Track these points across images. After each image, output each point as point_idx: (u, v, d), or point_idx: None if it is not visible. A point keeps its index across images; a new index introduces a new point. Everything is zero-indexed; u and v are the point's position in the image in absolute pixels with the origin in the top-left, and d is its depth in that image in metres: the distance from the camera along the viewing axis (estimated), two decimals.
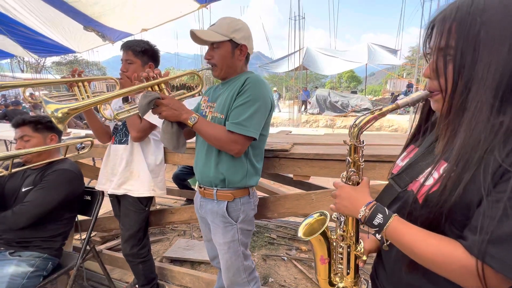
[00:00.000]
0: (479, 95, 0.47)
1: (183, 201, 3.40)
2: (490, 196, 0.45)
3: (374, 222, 0.57)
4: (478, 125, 0.47)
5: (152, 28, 3.04)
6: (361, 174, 0.67)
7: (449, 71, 0.51)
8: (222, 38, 1.15)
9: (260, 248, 2.47)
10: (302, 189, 2.47)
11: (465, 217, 0.49)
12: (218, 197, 1.24)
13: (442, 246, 0.49)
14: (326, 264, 0.78)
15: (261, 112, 1.14)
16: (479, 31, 0.47)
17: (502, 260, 0.43)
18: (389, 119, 11.01)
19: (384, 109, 0.60)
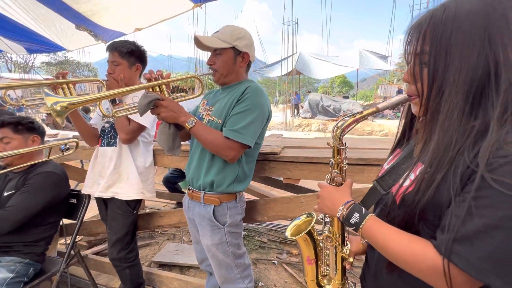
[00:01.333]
0: (451, 98, 0.49)
1: (174, 205, 3.36)
2: (458, 196, 0.46)
3: (351, 220, 0.59)
4: (450, 127, 0.49)
5: (146, 27, 3.00)
6: (344, 175, 0.68)
7: (424, 76, 0.53)
8: (225, 45, 1.17)
9: (250, 252, 2.45)
10: (293, 192, 2.47)
11: (437, 217, 0.50)
12: (205, 201, 1.24)
13: (413, 245, 0.50)
14: (313, 265, 0.78)
15: (259, 121, 1.16)
16: (450, 37, 0.48)
17: (466, 258, 0.44)
18: (380, 124, 11.21)
19: (365, 112, 0.63)
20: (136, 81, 1.58)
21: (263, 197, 2.55)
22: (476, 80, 0.47)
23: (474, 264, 0.43)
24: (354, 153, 1.40)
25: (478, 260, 0.43)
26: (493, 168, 0.42)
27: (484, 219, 0.43)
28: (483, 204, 0.43)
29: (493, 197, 0.42)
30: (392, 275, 0.59)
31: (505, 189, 0.41)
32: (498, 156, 0.42)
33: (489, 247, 0.42)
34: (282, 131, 10.96)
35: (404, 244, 0.51)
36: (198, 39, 1.17)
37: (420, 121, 0.59)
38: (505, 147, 0.43)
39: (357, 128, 11.00)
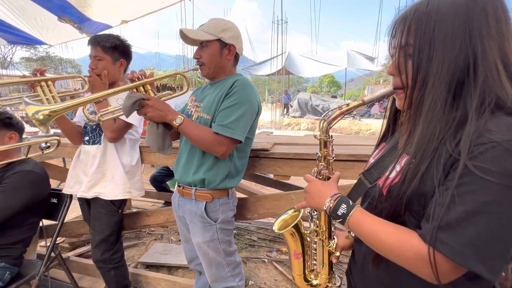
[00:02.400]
0: (435, 89, 0.50)
1: (161, 204, 3.28)
2: (442, 185, 0.47)
3: (338, 212, 0.59)
4: (434, 118, 0.50)
5: (133, 20, 2.89)
6: (331, 168, 0.68)
7: (409, 67, 0.54)
8: (210, 37, 1.15)
9: (240, 250, 2.43)
10: (282, 190, 2.46)
11: (422, 206, 0.51)
12: (196, 197, 1.22)
13: (399, 235, 0.51)
14: (300, 259, 0.78)
15: (248, 115, 1.14)
16: (434, 29, 0.50)
17: (450, 245, 0.44)
18: (367, 123, 11.43)
19: (351, 104, 0.63)
20: (121, 78, 1.51)
21: (253, 195, 2.53)
22: (458, 72, 0.49)
23: (458, 251, 0.44)
24: (344, 150, 1.40)
25: (461, 246, 0.43)
26: (474, 156, 0.43)
27: (466, 206, 0.44)
28: (465, 191, 0.44)
29: (474, 183, 0.43)
30: (378, 268, 0.60)
31: (485, 174, 0.42)
32: (478, 143, 0.44)
33: (472, 233, 0.43)
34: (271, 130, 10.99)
35: (390, 234, 0.52)
36: (184, 33, 1.15)
37: (404, 114, 0.60)
38: (485, 134, 0.44)
39: (345, 127, 11.19)
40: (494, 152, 0.42)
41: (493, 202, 0.42)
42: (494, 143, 0.43)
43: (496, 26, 0.48)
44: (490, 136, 0.43)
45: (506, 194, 0.42)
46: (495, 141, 0.43)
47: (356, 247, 0.72)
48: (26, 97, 1.07)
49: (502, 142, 0.42)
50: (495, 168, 0.42)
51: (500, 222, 0.42)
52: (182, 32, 1.16)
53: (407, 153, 0.54)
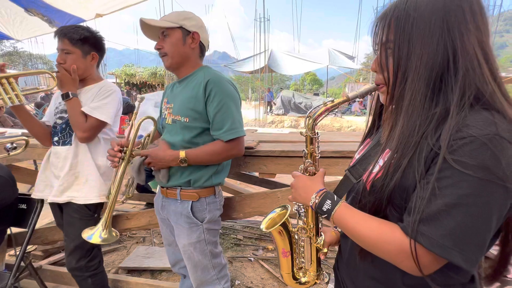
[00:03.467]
0: (414, 84, 0.51)
1: (143, 206, 3.17)
2: (423, 179, 0.48)
3: (323, 208, 0.59)
4: (414, 113, 0.51)
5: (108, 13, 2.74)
6: (317, 165, 0.69)
7: (390, 64, 0.55)
8: (171, 24, 1.11)
9: (226, 250, 2.40)
10: (268, 188, 2.45)
11: (404, 200, 0.52)
12: (182, 197, 1.18)
13: (382, 229, 0.52)
14: (289, 258, 0.78)
15: (238, 108, 1.16)
16: (412, 26, 0.51)
17: (431, 237, 0.45)
18: (348, 120, 11.72)
19: (336, 101, 0.63)
20: (94, 72, 1.42)
21: (239, 194, 2.50)
22: (436, 67, 0.50)
23: (438, 242, 0.45)
24: (328, 146, 1.40)
25: (441, 238, 0.45)
26: (453, 150, 0.45)
27: (445, 199, 0.45)
28: (444, 184, 0.45)
29: (453, 176, 0.44)
30: (364, 262, 0.61)
31: (464, 168, 0.43)
32: (457, 138, 0.45)
33: (451, 224, 0.44)
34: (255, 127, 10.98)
35: (373, 228, 0.52)
36: (144, 22, 1.10)
37: (387, 110, 0.61)
38: (463, 129, 0.45)
39: (327, 124, 11.41)
40: (472, 146, 0.43)
41: (470, 195, 0.43)
42: (472, 138, 0.44)
43: (473, 20, 0.49)
44: (468, 131, 0.44)
45: (482, 187, 0.43)
46: (472, 136, 0.44)
47: (342, 242, 0.73)
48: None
49: (479, 137, 0.43)
50: (472, 162, 0.43)
51: (477, 214, 0.44)
52: (142, 21, 1.11)
53: (389, 148, 0.55)
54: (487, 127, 0.44)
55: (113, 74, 17.22)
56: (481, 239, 0.45)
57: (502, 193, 0.44)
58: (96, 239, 1.18)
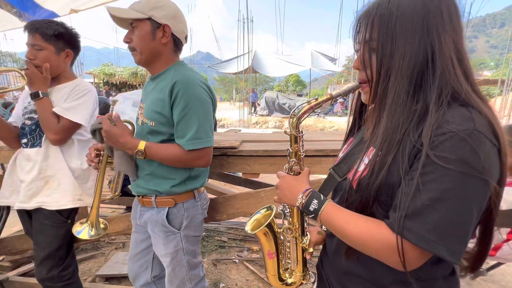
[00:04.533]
0: (397, 82, 0.52)
1: (123, 210, 3.05)
2: (407, 175, 0.49)
3: (310, 208, 0.59)
4: (397, 110, 0.52)
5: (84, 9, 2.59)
6: (302, 164, 0.68)
7: (373, 62, 0.55)
8: (138, 15, 0.98)
9: (210, 253, 2.36)
10: (252, 188, 2.44)
11: (389, 197, 0.52)
12: (157, 204, 1.11)
13: (368, 226, 0.52)
14: (274, 259, 0.77)
15: (206, 114, 1.03)
16: (395, 24, 0.51)
17: (417, 232, 0.46)
18: (330, 120, 11.98)
19: (320, 99, 0.63)
20: (67, 71, 1.33)
21: (222, 195, 2.47)
22: (418, 66, 0.51)
23: (423, 237, 0.46)
24: (311, 145, 1.41)
25: (427, 232, 0.45)
26: (435, 146, 0.46)
27: (429, 193, 0.46)
28: (428, 180, 0.46)
29: (436, 171, 0.45)
30: (350, 260, 0.61)
31: (446, 163, 0.45)
32: (438, 134, 0.46)
33: (435, 218, 0.45)
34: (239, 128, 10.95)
35: (360, 226, 0.53)
36: (110, 12, 0.99)
37: (370, 108, 0.62)
38: (443, 125, 0.46)
39: (310, 125, 11.59)
40: (452, 141, 0.45)
41: (452, 189, 0.45)
42: (451, 133, 0.45)
43: (450, 22, 0.50)
44: (448, 127, 0.45)
45: (463, 180, 0.44)
46: (452, 131, 0.45)
47: (328, 241, 0.73)
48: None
49: (458, 132, 0.44)
50: (453, 157, 0.44)
51: (459, 207, 0.45)
52: (109, 12, 1.00)
53: (373, 146, 0.56)
54: (465, 122, 0.45)
55: (90, 73, 16.54)
56: (464, 232, 0.46)
57: (481, 186, 0.45)
58: (84, 235, 1.20)
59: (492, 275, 2.03)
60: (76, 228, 1.22)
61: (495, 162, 0.46)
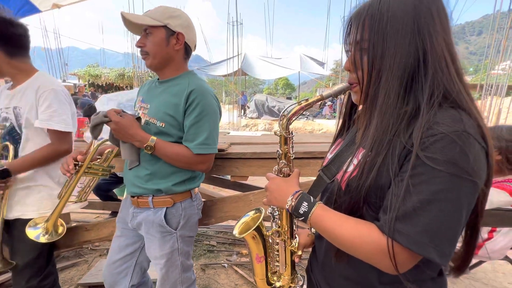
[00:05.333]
0: (388, 83, 0.52)
1: (108, 215, 2.95)
2: (397, 176, 0.49)
3: (300, 210, 0.58)
4: (388, 111, 0.51)
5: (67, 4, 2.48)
6: (291, 165, 0.67)
7: (364, 63, 0.55)
8: (154, 22, 1.04)
9: (198, 257, 2.31)
10: (241, 191, 2.41)
11: (379, 198, 0.52)
12: (155, 204, 1.10)
13: (359, 229, 0.51)
14: (263, 263, 0.76)
15: (216, 124, 1.12)
16: (386, 25, 0.51)
17: (408, 234, 0.46)
18: (319, 123, 12.13)
19: (310, 100, 0.62)
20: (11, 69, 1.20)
21: (211, 198, 2.43)
22: (409, 66, 0.51)
23: (414, 239, 0.45)
24: (300, 147, 1.41)
25: (417, 234, 0.45)
26: (425, 147, 0.46)
27: (419, 195, 0.45)
28: (418, 181, 0.46)
29: (426, 173, 0.45)
30: (340, 264, 0.60)
31: (436, 164, 0.44)
32: (429, 135, 0.46)
33: (426, 220, 0.45)
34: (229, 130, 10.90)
35: (350, 229, 0.52)
36: (125, 17, 1.03)
37: (361, 109, 0.61)
38: (434, 126, 0.46)
39: (300, 127, 11.69)
40: (442, 142, 0.45)
41: (442, 190, 0.44)
42: (442, 134, 0.45)
43: (440, 22, 0.51)
44: (438, 128, 0.45)
45: (453, 182, 0.44)
46: (442, 132, 0.45)
47: (317, 243, 0.72)
48: None
49: (448, 133, 0.44)
50: (443, 158, 0.44)
51: (449, 209, 0.45)
52: (123, 17, 1.04)
53: (363, 147, 0.55)
54: (455, 124, 0.45)
55: (75, 74, 16.08)
56: (454, 234, 0.46)
57: (471, 188, 0.45)
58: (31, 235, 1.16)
59: (474, 273, 2.09)
60: (30, 225, 1.19)
61: (483, 164, 0.46)
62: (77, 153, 1.15)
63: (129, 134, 1.02)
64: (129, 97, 1.67)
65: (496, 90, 6.94)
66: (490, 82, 7.17)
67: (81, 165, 1.13)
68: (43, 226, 1.20)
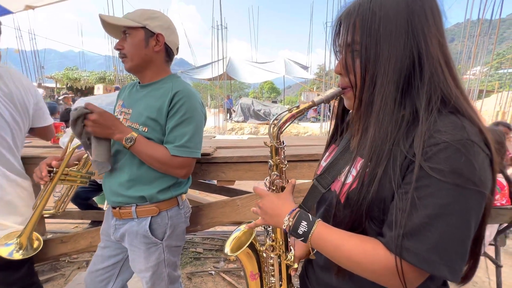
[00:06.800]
0: (383, 88, 0.49)
1: (87, 225, 2.80)
2: (400, 188, 0.46)
3: (299, 231, 0.53)
4: (385, 118, 0.48)
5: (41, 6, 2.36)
6: (284, 177, 0.63)
7: (357, 67, 0.52)
8: (133, 23, 1.01)
9: (184, 265, 2.24)
10: (228, 196, 2.38)
11: (382, 212, 0.49)
12: (138, 214, 1.04)
13: (364, 248, 0.48)
14: (257, 280, 0.72)
15: (200, 128, 1.07)
16: (379, 26, 0.48)
17: (416, 252, 0.43)
18: (304, 126, 12.29)
19: (301, 106, 0.58)
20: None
21: (197, 204, 2.37)
22: (404, 70, 0.48)
23: (424, 257, 0.43)
24: (287, 151, 1.40)
25: (427, 252, 0.43)
26: (428, 157, 0.43)
27: (427, 210, 0.43)
28: (423, 194, 0.43)
29: (432, 186, 0.43)
30: (340, 278, 0.57)
31: (442, 176, 0.42)
32: (431, 144, 0.43)
33: (435, 237, 0.42)
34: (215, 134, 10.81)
35: (355, 247, 0.49)
36: (103, 19, 1.00)
37: (355, 114, 0.58)
38: (435, 135, 0.44)
39: (286, 131, 11.78)
40: (447, 152, 0.42)
41: (450, 203, 0.42)
42: (445, 144, 0.43)
43: (434, 23, 0.48)
44: (441, 137, 0.43)
45: (460, 194, 0.42)
46: (446, 141, 0.43)
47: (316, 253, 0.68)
48: None
49: (452, 142, 0.42)
50: (448, 169, 0.42)
51: (458, 223, 0.42)
52: (101, 18, 1.01)
53: (361, 156, 0.52)
54: (458, 132, 0.43)
55: (52, 78, 15.41)
56: (464, 248, 0.44)
57: (478, 199, 0.43)
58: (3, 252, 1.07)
59: None
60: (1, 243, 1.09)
61: (488, 172, 0.44)
62: (52, 158, 1.08)
63: (111, 126, 0.95)
64: (110, 100, 1.59)
65: (468, 94, 7.37)
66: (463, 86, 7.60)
67: (56, 171, 1.06)
68: (15, 242, 1.10)
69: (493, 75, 18.01)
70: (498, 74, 19.14)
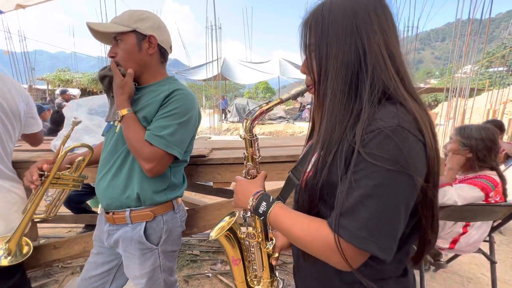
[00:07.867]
0: (333, 82, 0.54)
1: (81, 229, 2.76)
2: (344, 174, 0.50)
3: (259, 210, 0.59)
4: (335, 110, 0.53)
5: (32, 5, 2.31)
6: (258, 167, 0.69)
7: (314, 65, 0.58)
8: (122, 28, 0.97)
9: (181, 268, 2.21)
10: (225, 197, 2.36)
11: (332, 196, 0.53)
12: (133, 219, 1.01)
13: (310, 226, 0.53)
14: (240, 265, 0.77)
15: (187, 128, 1.00)
16: (328, 28, 0.54)
17: (349, 229, 0.47)
18: (299, 126, 12.35)
19: (270, 104, 0.66)
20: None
21: (193, 206, 2.35)
22: (351, 66, 0.53)
23: (355, 234, 0.47)
24: (282, 151, 1.39)
25: (358, 229, 0.46)
26: (365, 143, 0.48)
27: (360, 190, 0.47)
28: (359, 177, 0.47)
29: (366, 168, 0.47)
30: (308, 263, 0.61)
31: (374, 160, 0.46)
32: (368, 131, 0.48)
33: (366, 215, 0.46)
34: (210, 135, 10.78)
35: (303, 227, 0.53)
36: (92, 28, 0.96)
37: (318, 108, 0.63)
38: (372, 123, 0.48)
39: (281, 130, 11.82)
40: (379, 138, 0.47)
41: (380, 185, 0.46)
42: (378, 130, 0.47)
43: (377, 23, 0.53)
44: (376, 124, 0.48)
45: (389, 176, 0.46)
46: (379, 128, 0.47)
47: (292, 246, 0.72)
48: None
49: (384, 129, 0.47)
50: (379, 153, 0.46)
51: (387, 203, 0.46)
52: (89, 27, 0.97)
53: None
54: (391, 119, 0.47)
55: (43, 79, 15.17)
56: (393, 228, 0.47)
57: (407, 181, 0.46)
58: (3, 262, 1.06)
59: (451, 266, 2.18)
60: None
61: (420, 157, 0.48)
62: (43, 162, 1.05)
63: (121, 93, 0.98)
64: (102, 102, 1.56)
65: (460, 92, 7.48)
66: (455, 85, 7.71)
67: (47, 175, 1.03)
68: (4, 247, 1.08)
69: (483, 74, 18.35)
70: (488, 73, 19.50)
